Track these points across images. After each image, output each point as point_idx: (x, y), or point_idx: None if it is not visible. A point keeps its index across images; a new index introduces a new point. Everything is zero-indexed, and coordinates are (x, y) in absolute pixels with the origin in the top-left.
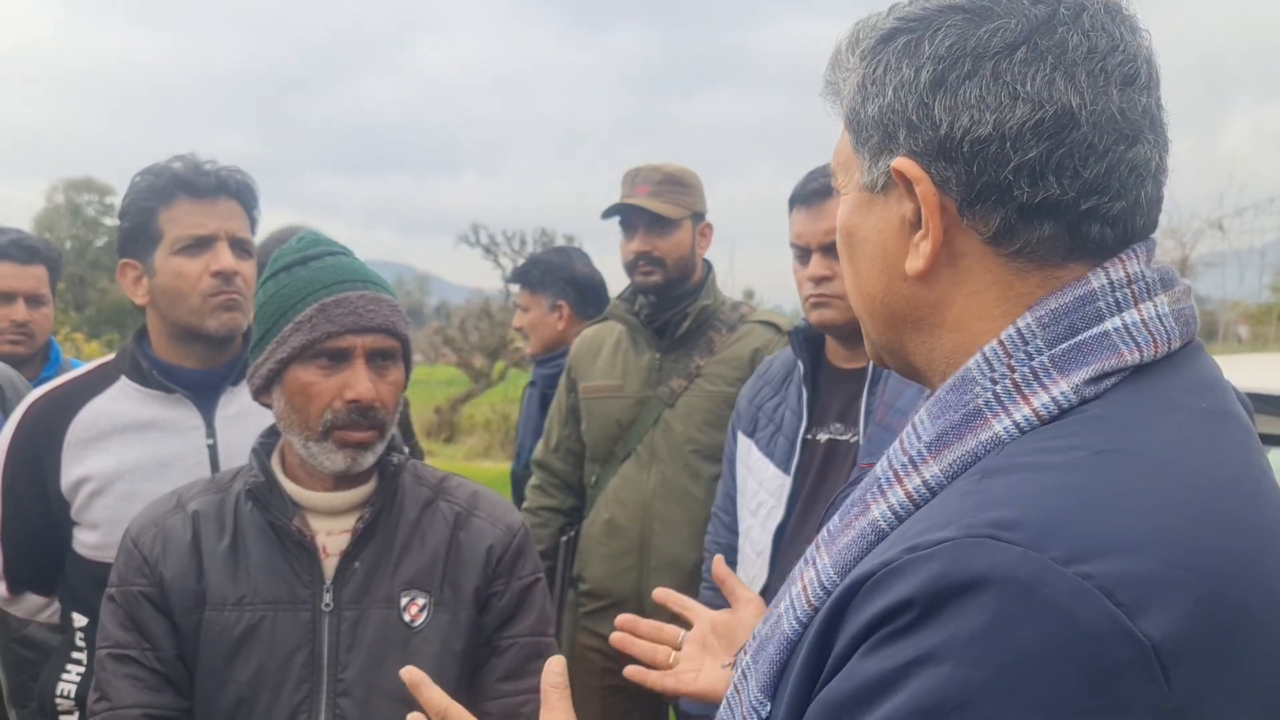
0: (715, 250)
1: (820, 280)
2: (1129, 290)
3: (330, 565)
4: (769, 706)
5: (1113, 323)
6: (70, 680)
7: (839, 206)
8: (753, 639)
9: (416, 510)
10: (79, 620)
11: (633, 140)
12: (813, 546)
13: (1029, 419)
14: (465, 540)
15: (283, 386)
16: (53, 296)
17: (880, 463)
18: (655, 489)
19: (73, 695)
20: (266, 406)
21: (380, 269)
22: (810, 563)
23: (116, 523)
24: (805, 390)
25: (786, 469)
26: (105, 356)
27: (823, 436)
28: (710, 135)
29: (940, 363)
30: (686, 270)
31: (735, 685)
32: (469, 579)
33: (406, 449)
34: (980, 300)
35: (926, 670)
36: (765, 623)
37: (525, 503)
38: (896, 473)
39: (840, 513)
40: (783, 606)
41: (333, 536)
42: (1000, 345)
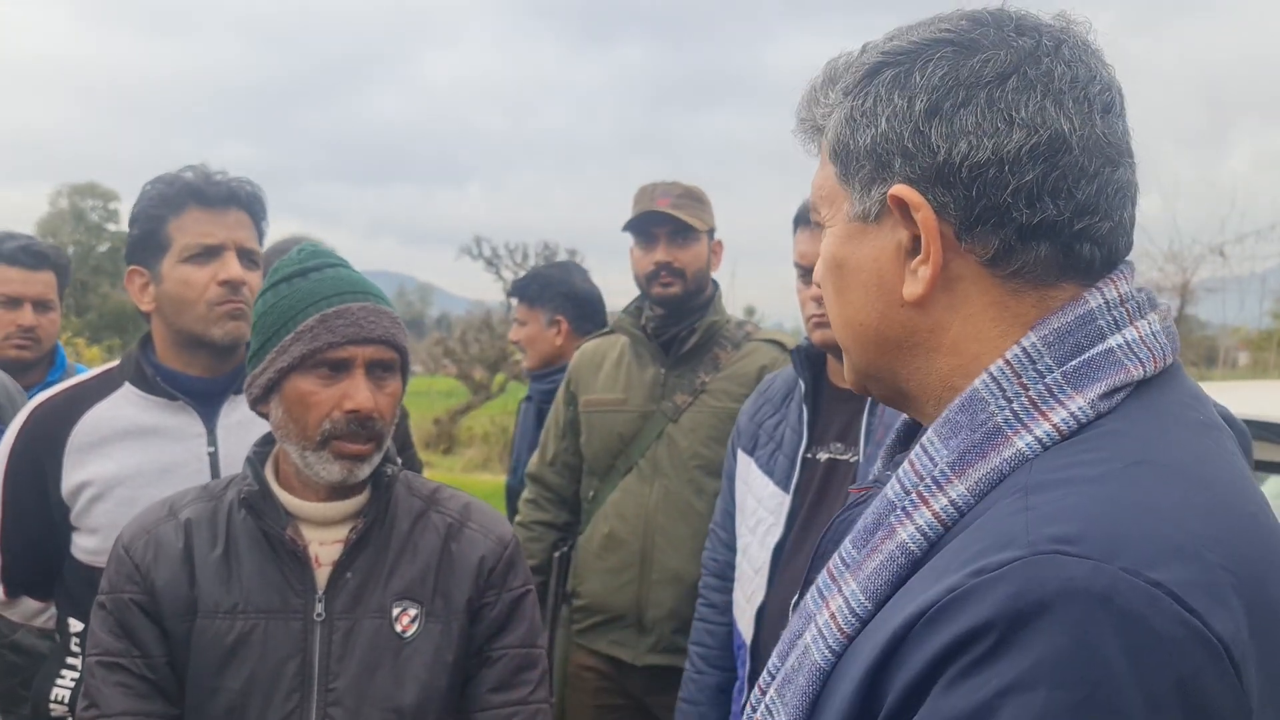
0: (720, 267)
1: (823, 300)
2: (1124, 309)
3: (323, 575)
4: None
5: (1115, 340)
6: (65, 686)
7: (825, 238)
8: (770, 675)
9: (409, 521)
10: (75, 625)
11: (637, 156)
12: (825, 574)
13: (1050, 434)
14: (457, 551)
15: (281, 396)
16: (60, 302)
17: (891, 486)
18: (658, 503)
19: (67, 701)
20: (263, 416)
21: (382, 279)
22: (834, 590)
23: (115, 528)
24: (806, 409)
25: (786, 487)
26: (110, 363)
27: (823, 455)
28: (714, 152)
29: (935, 386)
30: (703, 284)
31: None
32: (461, 590)
33: (400, 460)
34: (977, 323)
35: (1019, 698)
36: (788, 656)
37: (518, 517)
38: (920, 494)
39: (855, 540)
40: (809, 637)
41: (325, 546)
42: (1008, 365)
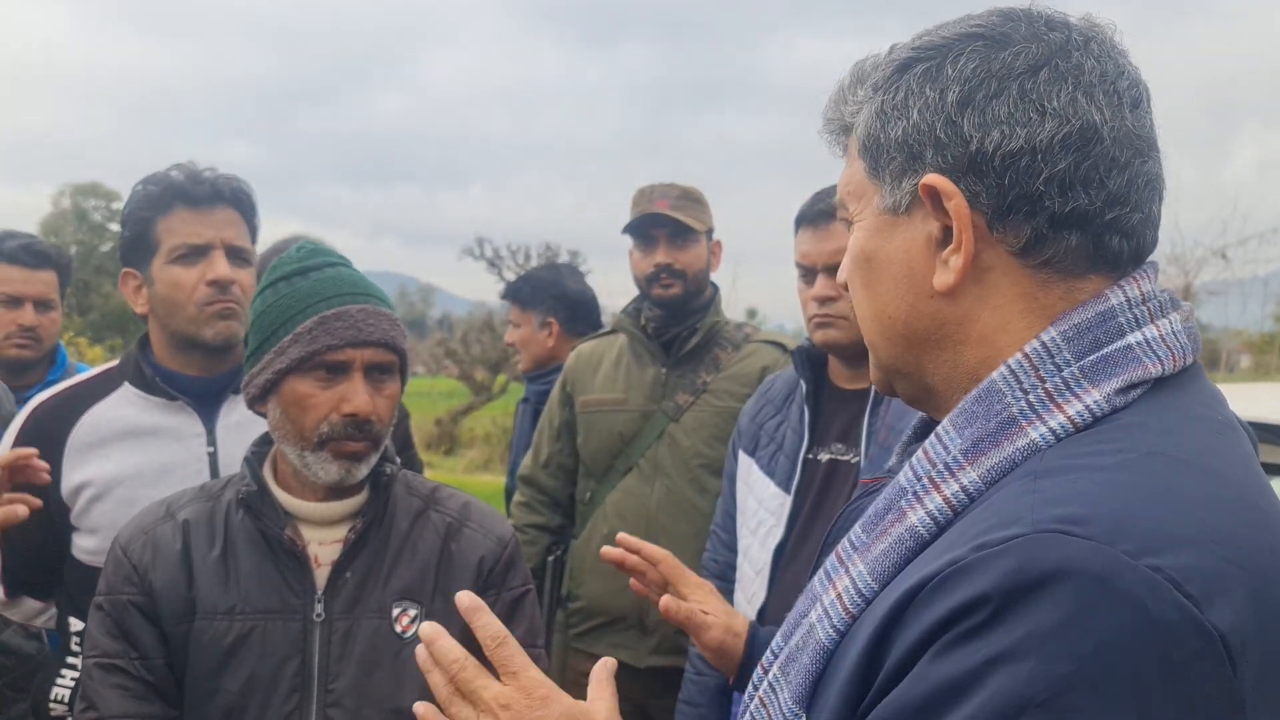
0: (720, 268)
1: (825, 300)
2: (1145, 308)
3: (322, 575)
4: (804, 718)
5: (1134, 337)
6: (65, 685)
7: (853, 234)
8: (773, 654)
9: (408, 521)
10: (75, 625)
11: (638, 157)
12: (833, 557)
13: (1064, 425)
14: (456, 551)
15: (279, 397)
16: (61, 302)
17: (904, 473)
18: (660, 503)
19: (66, 700)
20: (261, 415)
21: (384, 279)
22: (841, 572)
23: (115, 528)
24: (807, 410)
25: (787, 488)
26: (109, 362)
27: (824, 456)
28: (716, 153)
29: (963, 379)
30: (703, 285)
31: (762, 699)
32: (460, 589)
33: (400, 460)
34: (1005, 313)
35: (1006, 668)
36: (791, 636)
37: (510, 520)
38: (932, 479)
39: (865, 524)
40: (814, 616)
41: (324, 546)
42: (1026, 358)
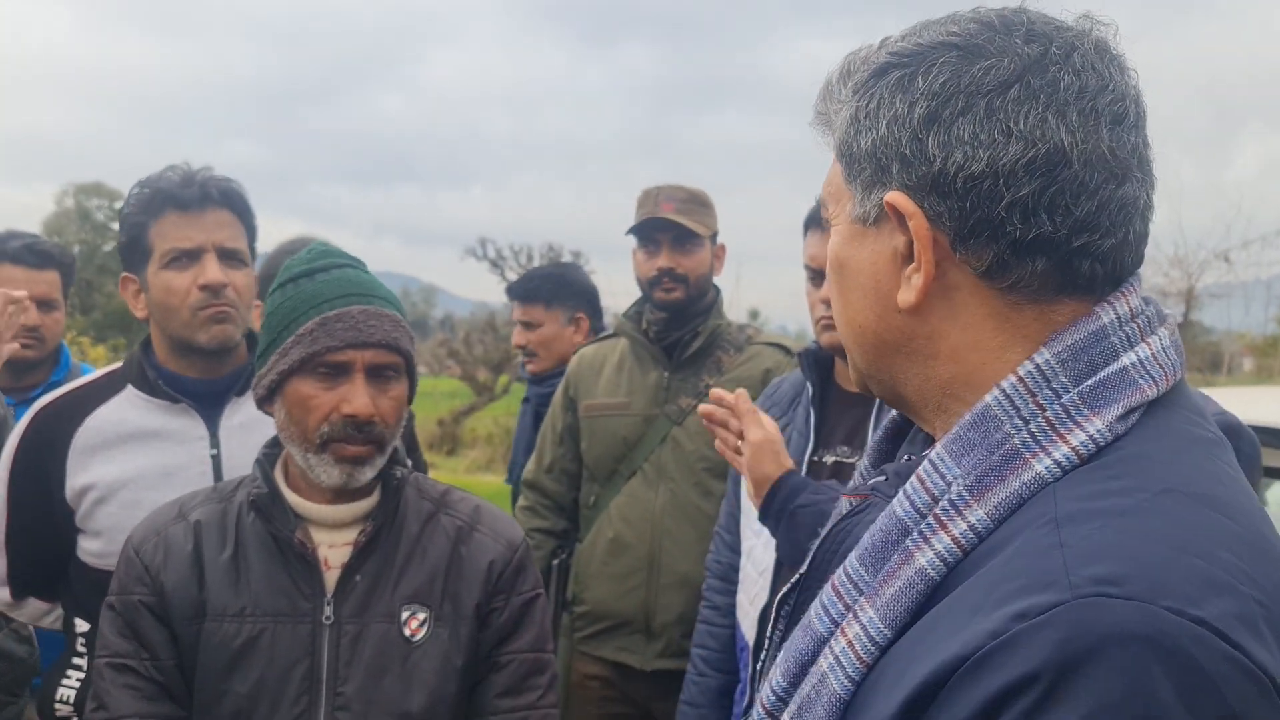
0: (723, 270)
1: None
2: (1135, 325)
3: (331, 578)
4: None
5: (1129, 358)
6: (70, 686)
7: (830, 236)
8: (777, 697)
9: (418, 524)
10: (81, 626)
11: (641, 158)
12: (830, 591)
13: (1069, 457)
14: (466, 555)
15: (284, 398)
16: (65, 302)
17: (900, 504)
18: (665, 506)
19: (72, 701)
20: (270, 415)
21: (386, 280)
22: (848, 615)
23: (119, 530)
24: (813, 412)
25: None
26: (113, 364)
27: (829, 458)
28: (718, 154)
29: (934, 393)
30: (705, 289)
31: None
32: (470, 594)
33: (410, 462)
34: (976, 333)
35: None
36: (799, 681)
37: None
38: (938, 518)
39: (865, 559)
40: (825, 664)
41: (335, 549)
42: (1021, 382)
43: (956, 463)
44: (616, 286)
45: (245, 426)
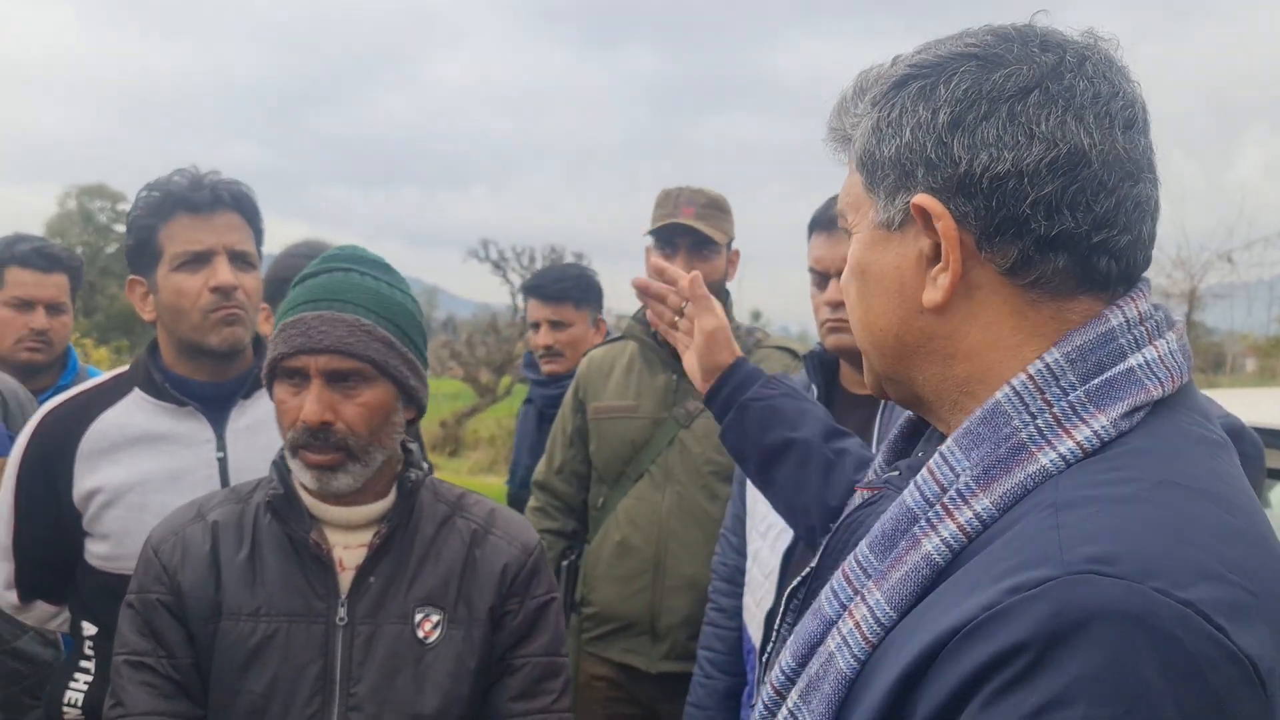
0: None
1: (838, 305)
2: (1143, 328)
3: (346, 579)
4: None
5: (1136, 359)
6: (78, 689)
7: (851, 244)
8: (786, 677)
9: (433, 527)
10: (88, 629)
11: (643, 159)
12: (840, 577)
13: (1074, 451)
14: (481, 558)
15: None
16: (73, 305)
17: (910, 494)
18: (671, 509)
19: (79, 704)
20: None
21: None
22: (857, 599)
23: (126, 534)
24: None
25: None
26: (120, 368)
27: None
28: (721, 156)
29: (951, 391)
30: (718, 294)
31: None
32: (483, 597)
33: (427, 465)
34: (995, 331)
35: (1058, 715)
36: (807, 660)
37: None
38: (945, 506)
39: (874, 546)
40: (833, 644)
41: (349, 550)
42: (1030, 380)
43: (966, 455)
44: (619, 288)
45: (252, 429)
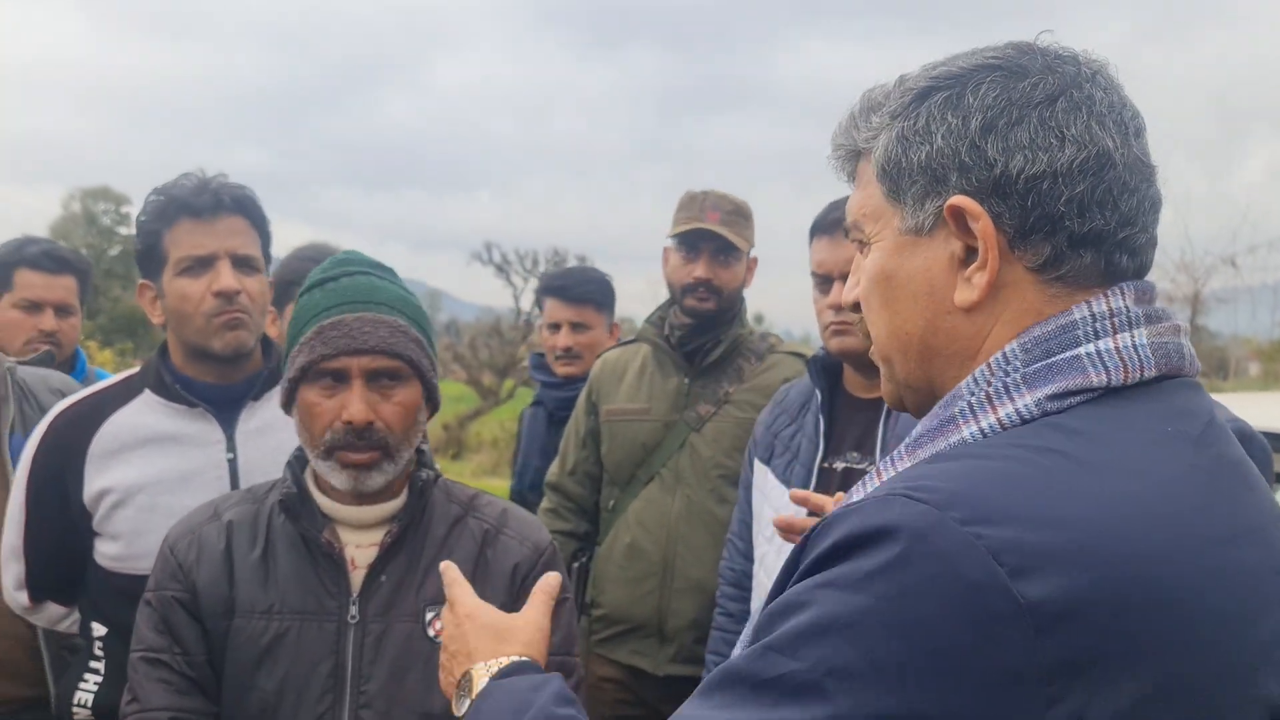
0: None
1: (842, 308)
2: (1109, 322)
3: (358, 578)
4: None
5: (1086, 348)
6: (88, 689)
7: (869, 254)
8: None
9: (445, 526)
10: (98, 630)
11: (646, 162)
12: None
13: (993, 426)
14: (492, 558)
15: (296, 405)
16: (82, 307)
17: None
18: (680, 512)
19: (89, 704)
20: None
21: None
22: None
23: (137, 534)
24: (822, 418)
25: None
26: (130, 370)
27: (839, 465)
28: (723, 159)
29: None
30: (736, 301)
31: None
32: (495, 596)
33: (438, 466)
34: (1012, 328)
35: (828, 592)
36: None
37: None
38: (879, 469)
39: None
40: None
41: (361, 549)
42: (988, 366)
43: (919, 427)
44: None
45: (261, 431)
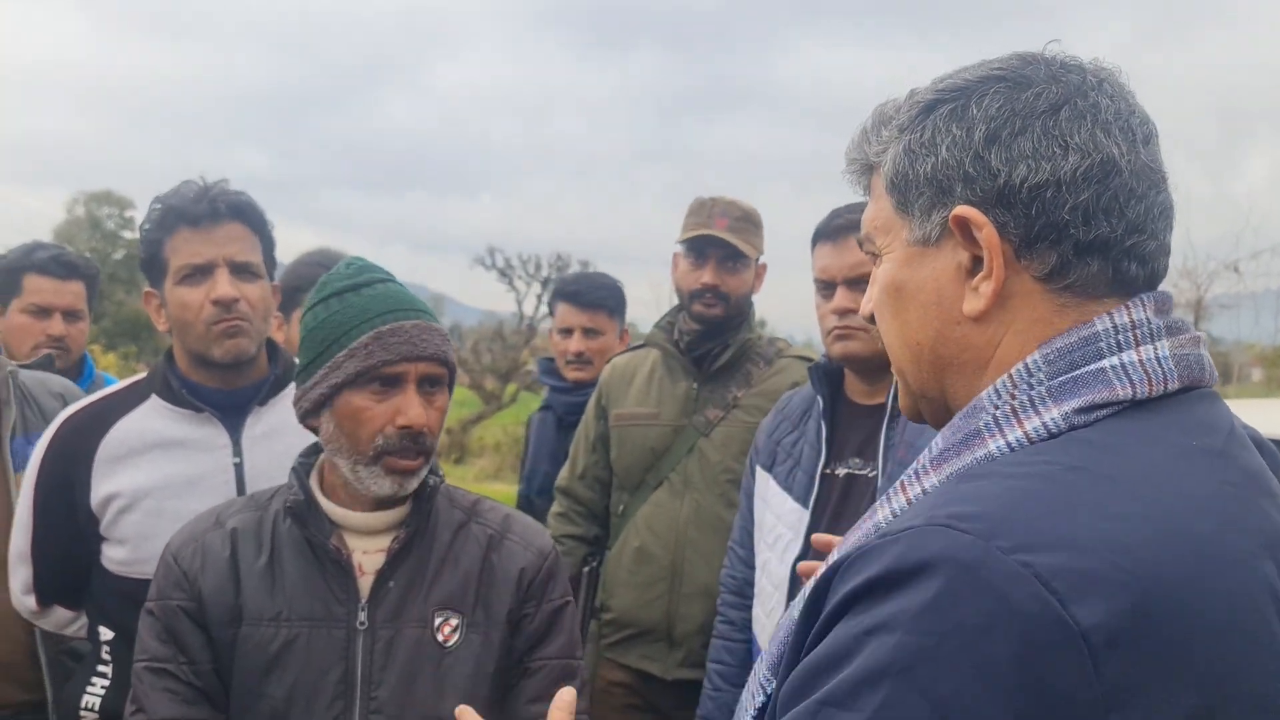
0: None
1: (845, 313)
2: (1132, 334)
3: (365, 584)
4: (773, 683)
5: (1110, 361)
6: (95, 693)
7: (881, 266)
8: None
9: (450, 532)
10: (105, 634)
11: (648, 165)
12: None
13: (1020, 440)
14: (497, 563)
15: (334, 411)
16: (89, 312)
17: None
18: (689, 517)
19: (97, 708)
20: (312, 430)
21: None
22: (822, 565)
23: (144, 539)
24: (824, 425)
25: (805, 503)
26: (137, 375)
27: (841, 471)
28: (724, 162)
29: None
30: (744, 307)
31: (754, 669)
32: (501, 601)
33: (442, 472)
34: (1023, 338)
35: (879, 637)
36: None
37: (548, 531)
38: (903, 484)
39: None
40: (798, 598)
41: (368, 555)
42: (1009, 378)
43: (941, 441)
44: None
45: (267, 436)
